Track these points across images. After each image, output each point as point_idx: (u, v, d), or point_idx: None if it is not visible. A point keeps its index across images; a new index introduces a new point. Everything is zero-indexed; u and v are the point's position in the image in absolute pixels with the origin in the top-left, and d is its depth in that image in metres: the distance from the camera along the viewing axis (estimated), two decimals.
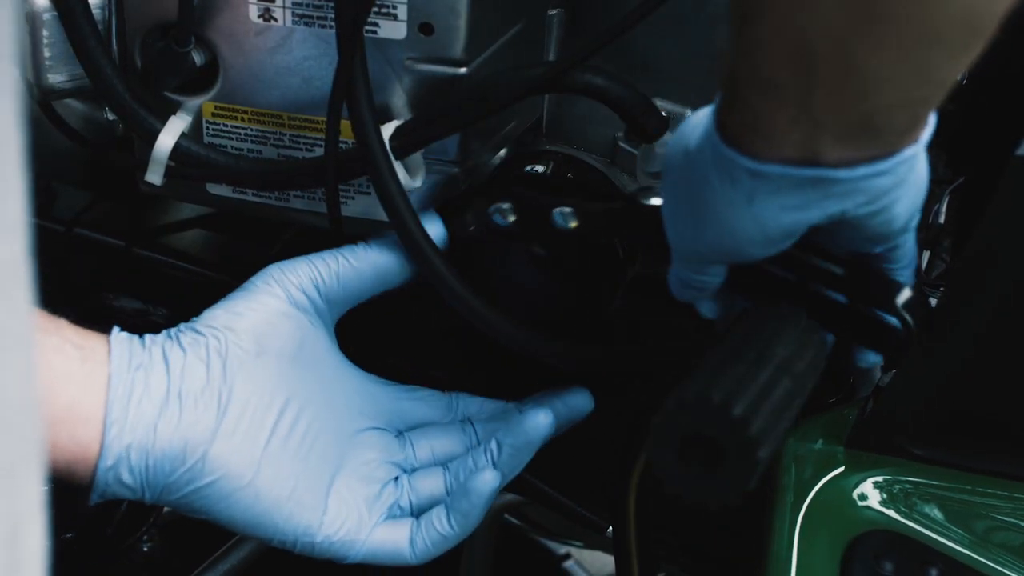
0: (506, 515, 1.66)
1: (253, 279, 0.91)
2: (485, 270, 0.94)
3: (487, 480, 0.90)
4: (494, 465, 0.92)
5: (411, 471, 0.94)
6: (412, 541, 0.91)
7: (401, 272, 0.92)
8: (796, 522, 0.83)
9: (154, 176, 0.93)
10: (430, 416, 0.96)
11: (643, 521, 0.97)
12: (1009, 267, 0.79)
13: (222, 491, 0.85)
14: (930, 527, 0.83)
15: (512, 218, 0.92)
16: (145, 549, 1.48)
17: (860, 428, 0.86)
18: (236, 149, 0.95)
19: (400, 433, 0.95)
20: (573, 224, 0.91)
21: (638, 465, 0.95)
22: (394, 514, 0.92)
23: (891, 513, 0.84)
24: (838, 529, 0.83)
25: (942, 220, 1.04)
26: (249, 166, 0.93)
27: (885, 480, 0.85)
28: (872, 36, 0.62)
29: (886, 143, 0.69)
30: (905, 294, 0.79)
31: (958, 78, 0.66)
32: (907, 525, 0.83)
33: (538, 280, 0.95)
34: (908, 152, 0.70)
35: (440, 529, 0.90)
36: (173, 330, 0.89)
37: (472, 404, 0.97)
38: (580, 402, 0.95)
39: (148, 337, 0.87)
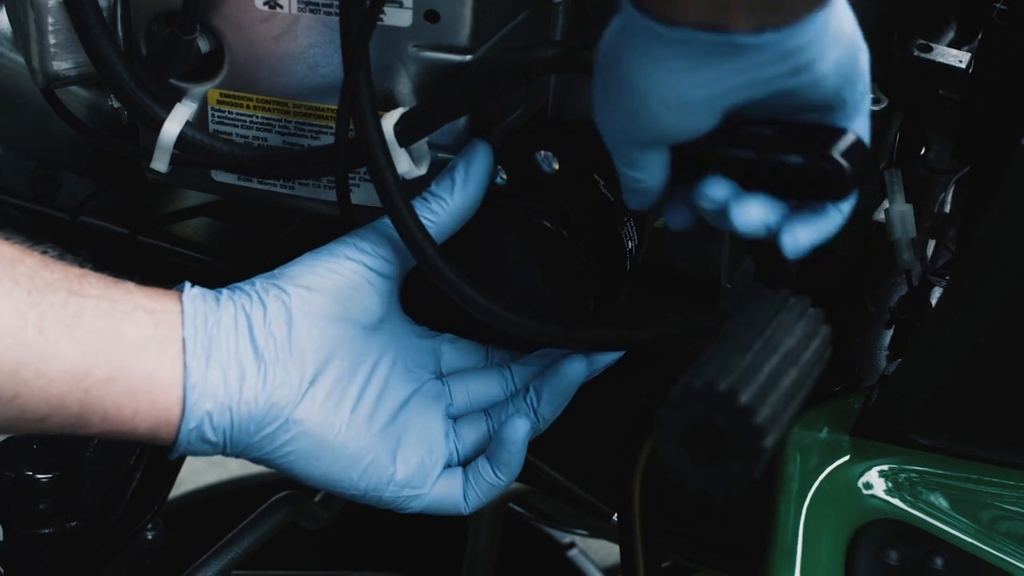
0: (511, 504, 1.66)
1: (336, 243, 0.90)
2: (480, 258, 0.94)
3: (518, 427, 0.91)
4: (535, 412, 0.93)
5: (455, 418, 0.95)
6: (465, 495, 0.93)
7: (468, 210, 0.91)
8: (801, 511, 0.83)
9: (159, 164, 0.93)
10: (467, 363, 0.97)
11: (648, 509, 0.97)
12: (1014, 256, 0.79)
13: (304, 451, 0.86)
14: (935, 516, 0.83)
15: (505, 176, 0.93)
16: (149, 538, 1.49)
17: (865, 417, 0.86)
18: (241, 136, 0.95)
19: (441, 378, 0.96)
20: (556, 166, 0.92)
21: (643, 453, 0.95)
22: (449, 462, 0.93)
23: (896, 502, 0.84)
24: (843, 518, 0.83)
25: (947, 209, 1.04)
26: (254, 154, 0.93)
27: (890, 469, 0.85)
28: None
29: (791, 9, 0.71)
30: (845, 140, 0.78)
31: None
32: (912, 514, 0.83)
33: (532, 268, 0.94)
34: (818, 16, 0.72)
35: (488, 480, 0.92)
36: (250, 285, 0.88)
37: (507, 354, 0.98)
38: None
39: (225, 293, 0.87)
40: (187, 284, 0.87)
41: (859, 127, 0.79)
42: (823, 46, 0.73)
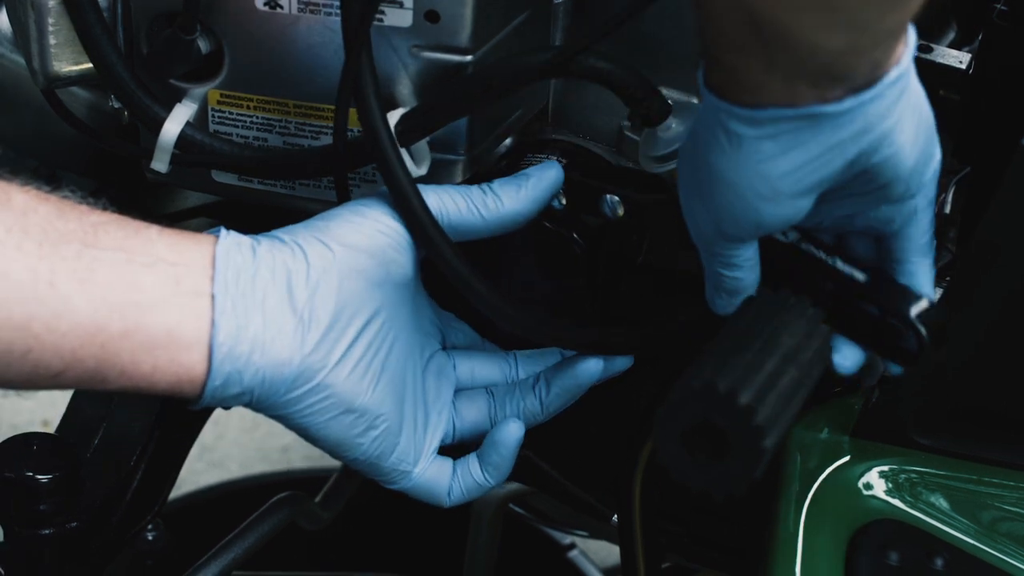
0: (511, 504, 1.66)
1: (373, 201, 0.88)
2: (494, 255, 0.94)
3: (512, 432, 0.91)
4: (541, 403, 0.93)
5: (455, 392, 0.95)
6: (450, 488, 0.92)
7: (517, 221, 0.91)
8: (802, 511, 0.83)
9: (160, 164, 0.93)
10: (469, 342, 0.97)
11: (648, 510, 0.97)
12: (1014, 256, 0.79)
13: (326, 414, 0.85)
14: (936, 516, 0.83)
15: (564, 201, 0.93)
16: (149, 538, 1.48)
17: (866, 417, 0.86)
18: (242, 137, 0.95)
19: (447, 352, 0.96)
20: (620, 212, 0.92)
21: (643, 454, 0.95)
22: (445, 438, 0.93)
23: (896, 502, 0.84)
24: (843, 518, 0.83)
25: (948, 210, 1.04)
26: (254, 154, 0.93)
27: (891, 469, 0.85)
28: (795, 4, 0.66)
29: (861, 77, 0.71)
30: (921, 305, 0.79)
31: (908, 17, 0.69)
32: (912, 515, 0.83)
33: (545, 273, 0.95)
34: (892, 75, 0.72)
35: (476, 478, 0.92)
36: (291, 236, 0.85)
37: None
38: (619, 360, 0.95)
39: (264, 244, 0.84)
40: (223, 230, 0.84)
41: (928, 215, 0.80)
42: (900, 115, 0.73)
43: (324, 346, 0.84)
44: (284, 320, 0.82)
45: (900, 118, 0.73)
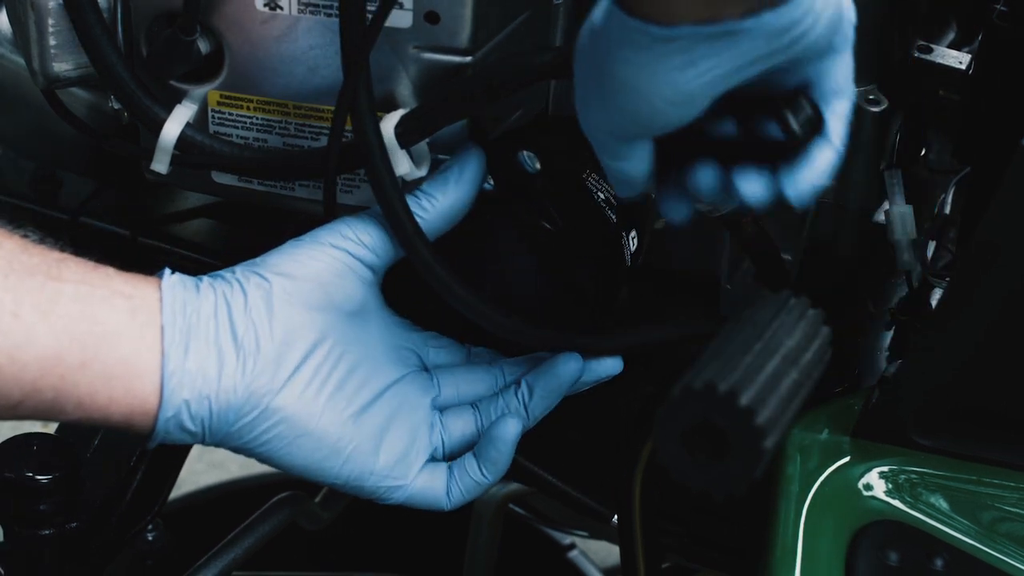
0: (511, 505, 1.66)
1: (320, 230, 0.90)
2: (475, 260, 0.94)
3: (510, 427, 0.91)
4: (525, 408, 0.93)
5: (441, 410, 0.94)
6: (448, 490, 0.92)
7: (459, 210, 0.91)
8: (802, 512, 0.83)
9: (159, 165, 0.93)
10: (452, 360, 0.97)
11: (648, 510, 0.97)
12: (1015, 257, 0.79)
13: (283, 440, 0.86)
14: (935, 517, 0.83)
15: (539, 165, 0.93)
16: (149, 538, 1.48)
17: (866, 418, 0.86)
18: (241, 138, 0.95)
19: (428, 371, 0.96)
20: (538, 165, 0.92)
21: (643, 454, 0.95)
22: (434, 456, 0.93)
23: (896, 503, 0.84)
24: (843, 519, 0.83)
25: (948, 210, 1.04)
26: (254, 155, 0.93)
27: (890, 470, 0.85)
28: None
29: None
30: (800, 105, 0.78)
31: None
32: (912, 515, 0.83)
33: (527, 268, 0.94)
34: None
35: (474, 477, 0.92)
36: (230, 273, 0.87)
37: (487, 354, 0.97)
38: (608, 364, 0.94)
39: (205, 280, 0.86)
40: (167, 270, 0.86)
41: (845, 65, 0.79)
42: (816, 14, 0.73)
43: (267, 372, 0.85)
44: (227, 350, 0.84)
45: (816, 18, 0.73)
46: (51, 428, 1.10)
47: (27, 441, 1.02)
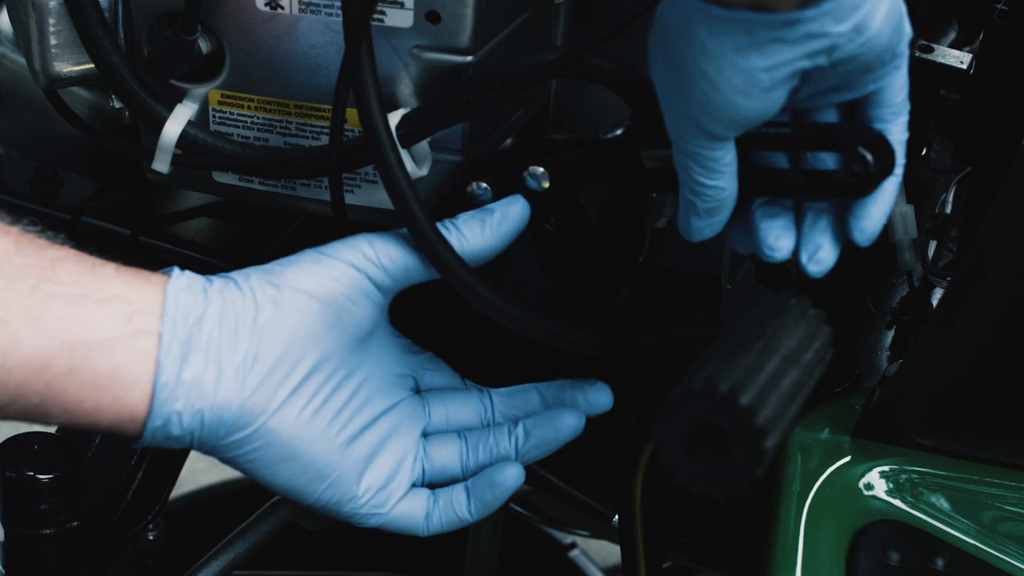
0: (512, 504, 1.66)
1: (341, 246, 0.87)
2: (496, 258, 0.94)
3: (513, 476, 0.90)
4: (516, 451, 0.91)
5: (427, 435, 0.93)
6: (428, 515, 0.91)
7: (483, 257, 0.89)
8: (802, 511, 0.83)
9: (161, 164, 0.93)
10: (446, 383, 0.95)
11: (649, 510, 0.97)
12: (1016, 256, 0.79)
13: (272, 459, 0.84)
14: (936, 517, 0.83)
15: (546, 184, 0.92)
16: (151, 538, 1.48)
17: (867, 418, 0.86)
18: (243, 137, 0.95)
19: (420, 395, 0.94)
20: (546, 184, 0.91)
21: (644, 454, 0.95)
22: (415, 482, 0.92)
23: (897, 503, 0.84)
24: (844, 519, 0.83)
25: (949, 210, 1.04)
26: (255, 154, 0.93)
27: (891, 470, 0.85)
28: None
29: None
30: (868, 134, 0.79)
31: None
32: (913, 515, 0.83)
33: (548, 267, 0.94)
34: None
35: (459, 512, 0.90)
36: (244, 279, 0.84)
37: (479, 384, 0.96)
38: (602, 400, 0.94)
39: (216, 284, 0.83)
40: (175, 270, 0.83)
41: (904, 77, 0.80)
42: (873, 2, 0.74)
43: (265, 390, 0.83)
44: (227, 362, 0.82)
45: (874, 5, 0.74)
46: (52, 427, 1.11)
47: (28, 440, 1.02)
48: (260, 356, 0.83)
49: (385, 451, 0.90)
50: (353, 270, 0.86)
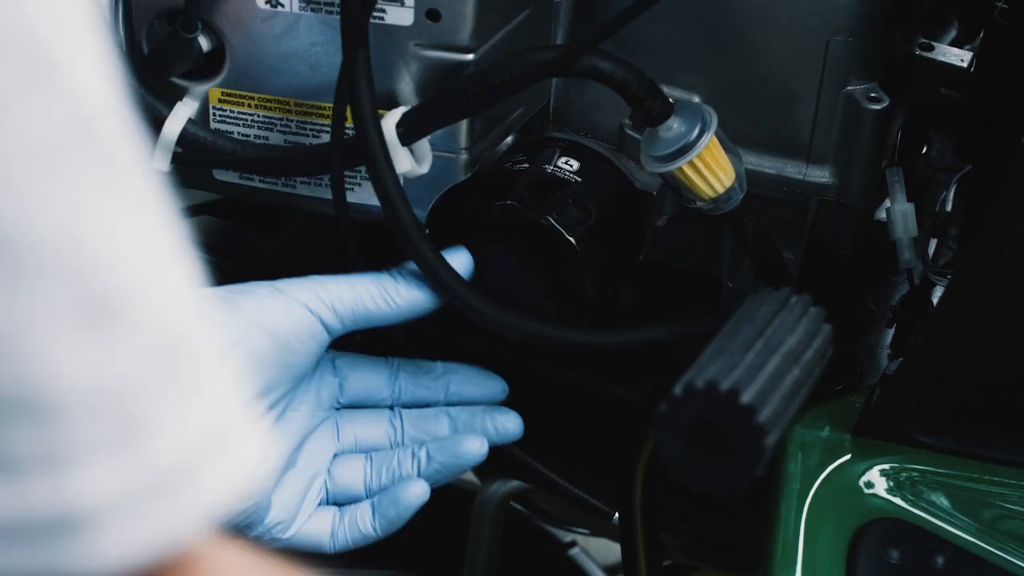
0: (512, 502, 1.66)
1: (294, 285, 0.87)
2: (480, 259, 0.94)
3: (417, 494, 0.90)
4: (418, 473, 0.92)
5: (335, 455, 0.93)
6: (334, 533, 0.91)
7: (430, 308, 0.90)
8: (802, 509, 0.83)
9: (160, 162, 0.93)
10: (366, 394, 0.95)
11: (649, 508, 0.97)
12: (1017, 255, 0.79)
13: None
14: (937, 515, 0.83)
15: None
16: None
17: (867, 415, 0.86)
18: (243, 135, 0.94)
19: (335, 413, 0.94)
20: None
21: (645, 452, 0.95)
22: (320, 501, 0.92)
23: (898, 501, 0.84)
24: (844, 517, 0.83)
25: (949, 208, 1.04)
26: (255, 152, 0.93)
27: (892, 468, 0.85)
28: None
29: None
30: None
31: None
32: (914, 513, 0.83)
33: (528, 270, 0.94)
34: None
35: (363, 529, 0.92)
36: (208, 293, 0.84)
37: (409, 366, 0.96)
38: (511, 427, 0.94)
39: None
40: None
41: None
42: None
43: None
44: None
45: None
46: None
47: None
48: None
49: (297, 474, 0.90)
50: (306, 311, 0.87)
